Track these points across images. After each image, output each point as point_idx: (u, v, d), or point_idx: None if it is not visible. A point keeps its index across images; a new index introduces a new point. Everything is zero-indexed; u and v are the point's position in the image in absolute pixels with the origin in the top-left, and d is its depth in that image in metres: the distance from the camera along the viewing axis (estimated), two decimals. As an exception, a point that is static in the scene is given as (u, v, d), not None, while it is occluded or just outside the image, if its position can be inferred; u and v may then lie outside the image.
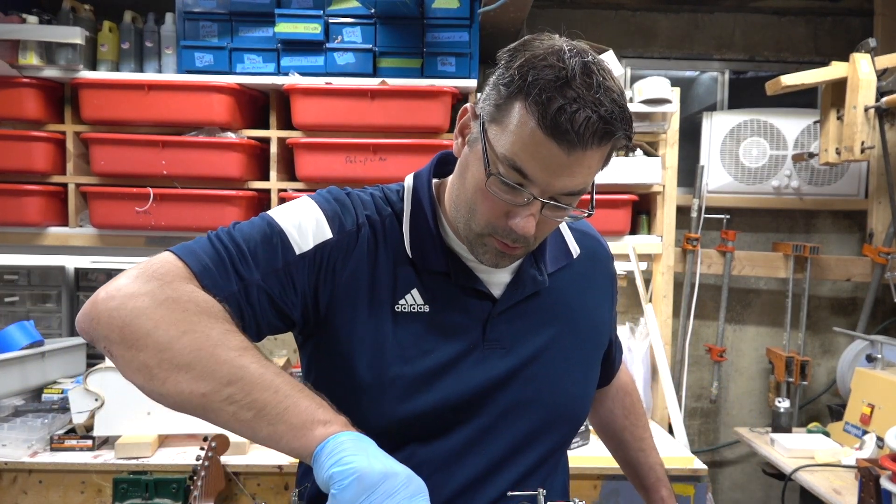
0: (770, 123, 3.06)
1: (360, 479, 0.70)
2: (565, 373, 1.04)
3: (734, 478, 3.32)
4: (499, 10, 2.36)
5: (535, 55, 0.83)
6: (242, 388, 0.76)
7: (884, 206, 3.01)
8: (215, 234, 0.91)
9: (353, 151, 2.43)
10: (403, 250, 0.97)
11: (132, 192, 2.42)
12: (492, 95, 0.87)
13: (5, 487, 2.08)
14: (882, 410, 2.37)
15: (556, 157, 0.83)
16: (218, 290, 0.85)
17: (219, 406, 0.77)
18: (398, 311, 0.96)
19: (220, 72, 2.48)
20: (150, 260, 0.86)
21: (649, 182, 2.56)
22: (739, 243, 3.11)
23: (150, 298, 0.80)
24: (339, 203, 0.97)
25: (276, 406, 0.76)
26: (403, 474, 0.74)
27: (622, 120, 0.83)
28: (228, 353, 0.78)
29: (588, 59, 0.83)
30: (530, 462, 1.01)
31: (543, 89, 0.80)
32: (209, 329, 0.79)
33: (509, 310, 1.00)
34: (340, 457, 0.72)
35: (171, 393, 0.78)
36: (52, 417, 2.25)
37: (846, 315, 3.27)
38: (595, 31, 3.14)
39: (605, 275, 1.16)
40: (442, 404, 0.95)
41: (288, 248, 0.91)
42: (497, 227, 0.90)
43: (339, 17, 2.49)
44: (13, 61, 2.38)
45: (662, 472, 1.30)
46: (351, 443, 0.74)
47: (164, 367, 0.77)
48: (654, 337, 2.62)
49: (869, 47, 2.61)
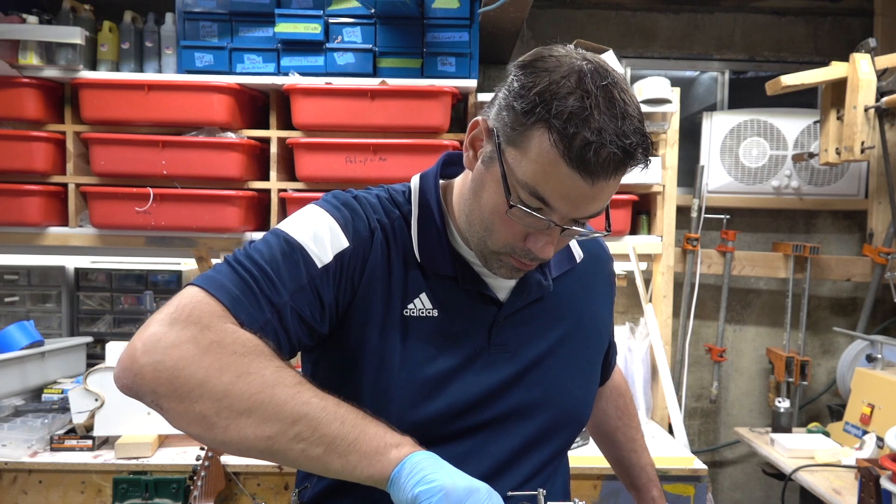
0: (770, 123, 3.06)
1: (447, 495, 0.72)
2: (569, 376, 1.05)
3: (734, 478, 3.32)
4: (499, 10, 2.36)
5: (554, 80, 0.81)
6: (309, 424, 0.76)
7: (884, 206, 3.01)
8: (235, 260, 0.88)
9: (353, 151, 2.43)
10: (412, 253, 0.97)
11: (132, 192, 2.42)
12: (507, 116, 0.85)
13: (5, 487, 2.09)
14: (882, 410, 2.37)
15: (579, 189, 0.83)
16: (254, 322, 0.84)
17: (287, 446, 0.76)
18: (407, 315, 0.96)
19: (220, 72, 2.48)
20: (179, 300, 0.83)
21: (649, 182, 2.56)
22: (739, 243, 3.11)
23: (195, 346, 0.77)
24: (349, 209, 0.96)
25: (346, 437, 0.76)
26: (485, 489, 0.76)
27: (643, 147, 0.83)
28: (287, 392, 0.77)
29: (608, 80, 0.82)
30: (535, 465, 1.02)
31: (568, 121, 0.79)
32: (262, 370, 0.78)
33: (514, 314, 1.01)
34: (422, 476, 0.74)
35: (234, 440, 0.77)
36: (52, 417, 2.25)
37: (846, 315, 3.27)
38: (595, 31, 3.14)
39: (605, 276, 1.17)
40: (448, 409, 0.95)
41: (310, 263, 0.90)
42: (515, 248, 0.90)
43: (339, 17, 2.49)
44: (13, 61, 2.38)
45: (654, 473, 1.32)
46: (428, 461, 0.76)
47: (224, 416, 0.76)
48: (654, 337, 2.62)
49: (869, 47, 2.61)
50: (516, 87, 0.84)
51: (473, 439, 0.97)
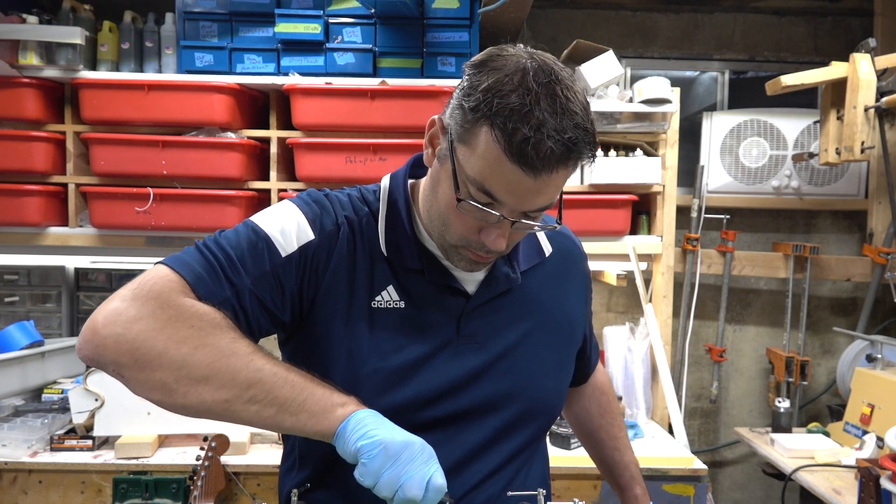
0: (770, 123, 3.06)
1: (385, 448, 0.82)
2: (539, 367, 1.07)
3: (734, 478, 3.32)
4: (499, 10, 2.36)
5: (499, 79, 0.85)
6: (262, 388, 0.84)
7: (884, 206, 3.01)
8: (203, 244, 0.94)
9: (353, 151, 2.43)
10: (379, 248, 1.01)
11: (132, 192, 2.42)
12: (458, 114, 0.89)
13: (5, 487, 2.08)
14: (882, 410, 2.37)
15: (523, 182, 0.86)
16: (213, 298, 0.89)
17: (242, 408, 0.84)
18: (374, 307, 0.99)
19: (220, 72, 2.48)
20: (144, 276, 0.89)
21: (649, 182, 2.56)
22: (739, 243, 3.11)
23: (154, 320, 0.84)
24: (318, 205, 1.01)
25: (296, 399, 0.85)
26: (419, 442, 0.85)
27: (586, 142, 0.86)
28: (241, 360, 0.85)
29: (551, 78, 0.85)
30: (505, 453, 1.04)
31: (508, 117, 0.83)
32: (218, 340, 0.85)
33: (483, 306, 1.03)
34: (364, 431, 0.83)
35: (192, 404, 0.84)
36: (52, 417, 2.25)
37: (846, 315, 3.27)
38: (595, 31, 3.14)
39: (579, 274, 1.19)
40: (417, 398, 0.98)
41: (274, 252, 0.95)
42: (470, 241, 0.94)
43: (339, 17, 2.49)
44: (13, 61, 2.38)
45: (637, 471, 1.32)
46: (370, 418, 0.85)
47: (184, 383, 0.83)
48: (654, 337, 2.62)
49: (869, 47, 2.61)
50: (466, 87, 0.88)
51: (444, 429, 1.00)
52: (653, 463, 2.19)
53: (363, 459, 0.81)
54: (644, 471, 2.15)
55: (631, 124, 2.55)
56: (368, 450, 0.81)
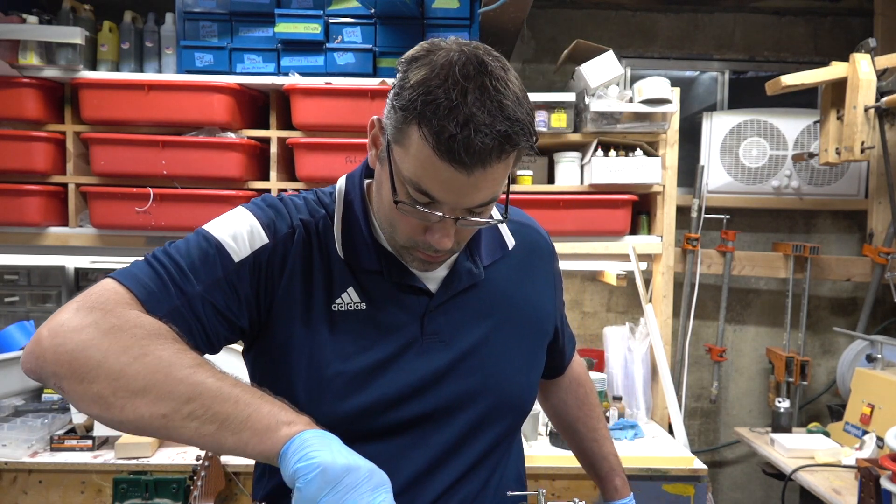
0: (770, 123, 3.06)
1: (323, 472, 0.72)
2: (507, 362, 1.06)
3: (734, 478, 3.32)
4: (499, 10, 2.36)
5: (426, 76, 0.83)
6: (203, 403, 0.77)
7: (884, 206, 3.02)
8: (152, 256, 0.93)
9: (353, 151, 2.43)
10: (337, 251, 0.99)
11: (132, 192, 2.42)
12: (392, 114, 0.87)
13: (5, 487, 2.09)
14: (882, 410, 2.37)
15: (457, 180, 0.84)
16: (160, 309, 0.86)
17: (181, 424, 0.77)
18: (335, 310, 0.97)
19: (220, 72, 2.48)
20: (91, 289, 0.87)
21: (649, 182, 2.56)
22: (739, 243, 3.11)
23: (95, 329, 0.80)
24: (273, 209, 0.99)
25: (239, 415, 0.77)
26: (366, 468, 0.76)
27: (519, 132, 0.84)
28: (183, 372, 0.78)
29: (482, 69, 0.83)
30: (478, 451, 1.03)
31: (435, 115, 0.81)
32: (160, 351, 0.80)
33: (446, 303, 1.02)
34: (305, 453, 0.74)
35: (130, 419, 0.78)
36: (52, 417, 2.25)
37: (846, 315, 3.27)
38: (595, 31, 3.14)
39: (547, 266, 1.18)
40: (383, 399, 0.96)
41: (226, 258, 0.93)
42: (417, 242, 0.93)
43: (339, 17, 2.49)
44: (13, 61, 2.38)
45: (616, 463, 1.32)
46: (316, 440, 0.76)
47: (120, 395, 0.78)
48: (654, 337, 2.62)
49: (869, 47, 2.61)
50: (397, 85, 0.87)
51: (413, 431, 0.99)
52: (653, 463, 2.19)
53: (298, 484, 0.73)
54: (644, 471, 2.17)
55: (631, 124, 2.55)
56: (304, 473, 0.73)
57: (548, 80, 3.14)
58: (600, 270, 3.00)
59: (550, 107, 2.57)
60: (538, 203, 2.53)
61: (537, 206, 2.52)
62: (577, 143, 2.64)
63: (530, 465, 2.14)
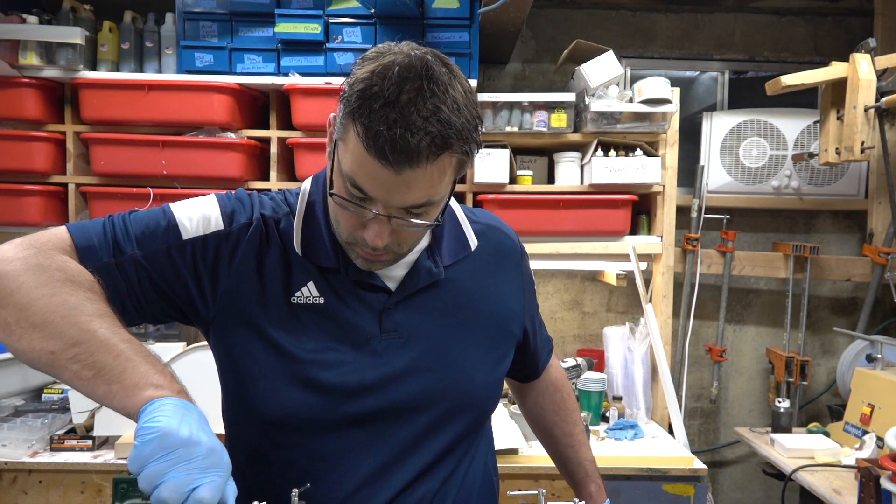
0: (770, 123, 3.06)
1: (161, 437, 0.73)
2: (467, 361, 1.06)
3: (734, 478, 3.32)
4: (499, 10, 2.36)
5: (368, 74, 0.86)
6: (87, 349, 0.81)
7: (884, 206, 3.01)
8: (110, 217, 0.97)
9: (353, 151, 2.43)
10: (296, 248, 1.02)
11: (132, 192, 2.42)
12: (340, 111, 0.90)
13: (5, 487, 2.08)
14: (882, 410, 2.37)
15: (386, 177, 0.86)
16: (93, 261, 0.91)
17: (64, 364, 0.81)
18: (294, 302, 0.99)
19: (220, 72, 2.48)
20: (42, 231, 0.92)
21: (649, 182, 2.56)
22: (739, 243, 3.11)
23: (22, 263, 0.86)
24: (238, 201, 1.04)
25: (115, 367, 0.80)
26: (207, 445, 0.76)
27: (454, 135, 0.85)
28: (81, 317, 0.83)
29: (423, 73, 0.85)
30: (438, 448, 1.04)
31: (368, 111, 0.83)
32: (70, 295, 0.84)
33: (405, 301, 1.03)
34: (155, 415, 0.75)
35: (24, 349, 0.83)
36: (52, 417, 2.25)
37: (846, 315, 3.27)
38: (595, 31, 3.14)
39: (514, 267, 1.18)
40: (340, 392, 0.98)
41: (174, 233, 0.97)
42: (357, 237, 0.95)
43: (339, 17, 2.49)
44: (13, 61, 2.38)
45: (592, 468, 1.31)
46: (172, 407, 0.77)
47: (22, 325, 0.83)
48: (654, 337, 2.62)
49: (869, 47, 2.61)
50: (347, 84, 0.89)
51: (371, 427, 0.99)
52: (653, 463, 2.19)
53: (136, 441, 0.74)
54: (644, 471, 2.17)
55: (631, 124, 2.55)
56: (144, 433, 0.74)
57: (548, 80, 3.14)
58: (600, 270, 3.00)
59: (550, 107, 2.56)
60: (538, 203, 2.53)
61: (537, 206, 2.53)
62: (577, 143, 2.64)
63: (530, 464, 2.15)
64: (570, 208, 2.54)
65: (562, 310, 3.17)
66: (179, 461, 0.73)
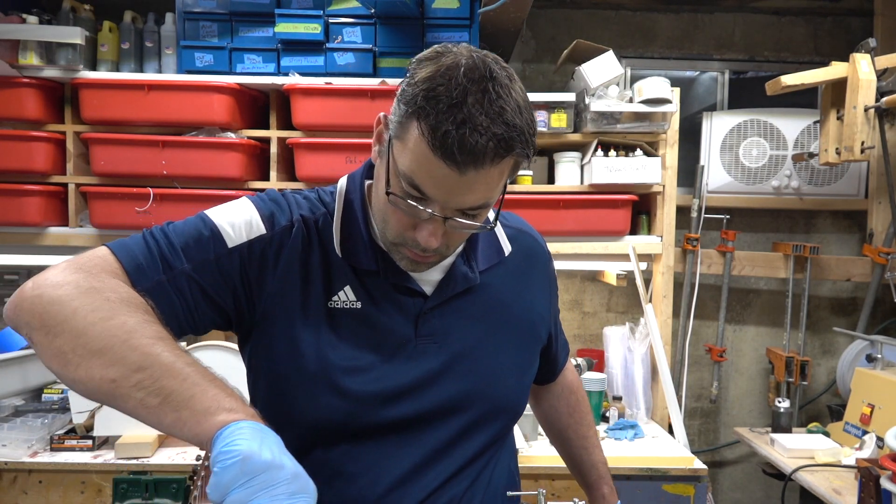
0: (770, 123, 3.06)
1: (243, 461, 0.69)
2: (500, 366, 1.06)
3: (734, 478, 3.32)
4: (499, 10, 2.36)
5: (432, 74, 0.85)
6: (152, 374, 0.76)
7: (884, 206, 3.01)
8: (149, 231, 0.94)
9: (353, 151, 2.43)
10: (335, 249, 1.00)
11: (132, 192, 2.42)
12: (396, 110, 0.89)
13: (5, 487, 2.08)
14: (882, 410, 2.37)
15: (449, 178, 0.85)
16: (145, 281, 0.88)
17: (127, 392, 0.76)
18: (332, 307, 0.98)
19: (220, 72, 2.48)
20: (84, 253, 0.89)
21: (649, 182, 2.56)
22: (739, 243, 3.11)
23: (74, 287, 0.82)
24: (274, 203, 1.01)
25: (183, 393, 0.75)
26: (291, 469, 0.72)
27: (517, 138, 0.85)
28: (142, 341, 0.78)
29: (486, 75, 0.84)
30: (469, 453, 1.04)
31: (434, 110, 0.82)
32: (126, 317, 0.80)
33: (441, 306, 1.03)
34: (233, 439, 0.71)
35: (83, 378, 0.78)
36: (52, 417, 2.25)
37: (846, 315, 3.27)
38: (595, 31, 3.14)
39: (543, 272, 1.18)
40: (376, 398, 0.97)
41: (219, 242, 0.95)
42: (406, 239, 0.93)
43: (339, 17, 2.49)
44: (13, 61, 2.38)
45: (605, 471, 1.32)
46: (249, 430, 0.72)
47: (79, 353, 0.78)
48: (654, 337, 2.62)
49: (869, 47, 2.61)
50: (405, 83, 0.88)
51: (404, 431, 0.99)
52: (653, 463, 2.19)
53: (216, 468, 0.69)
54: (644, 471, 2.17)
55: (631, 124, 2.55)
56: (223, 458, 0.69)
57: (548, 80, 3.14)
58: (600, 270, 3.00)
59: (550, 107, 2.57)
60: (538, 203, 2.53)
61: (537, 206, 2.52)
62: (577, 143, 2.64)
63: (530, 465, 2.15)
64: (570, 208, 2.54)
65: (562, 310, 3.18)
66: (263, 487, 0.69)
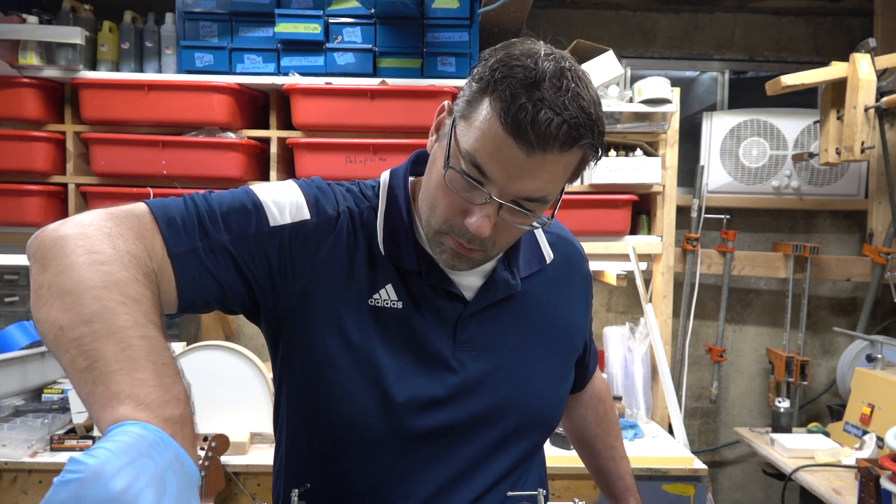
0: (770, 123, 3.06)
1: (82, 483, 0.51)
2: (538, 377, 1.03)
3: (734, 478, 3.32)
4: (499, 10, 2.36)
5: (510, 54, 0.82)
6: (95, 331, 0.64)
7: (884, 206, 3.01)
8: (191, 196, 0.89)
9: (353, 151, 2.43)
10: (378, 245, 0.96)
11: (132, 192, 2.42)
12: (466, 91, 0.87)
13: (5, 487, 2.08)
14: (882, 410, 2.37)
15: (515, 158, 0.81)
16: (180, 245, 0.83)
17: (66, 345, 0.65)
18: (372, 304, 0.94)
19: (220, 72, 2.48)
20: (123, 206, 0.83)
21: (649, 182, 2.56)
22: (739, 243, 3.11)
23: (96, 229, 0.75)
24: (319, 190, 0.97)
25: (112, 365, 0.62)
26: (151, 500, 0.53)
27: (588, 128, 0.81)
28: (111, 296, 0.67)
29: (564, 64, 0.82)
30: (505, 465, 1.01)
31: (509, 87, 0.80)
32: (117, 271, 0.70)
33: (481, 312, 0.99)
34: (96, 448, 0.54)
35: (41, 318, 0.68)
36: (52, 417, 2.25)
37: (846, 315, 3.27)
38: (595, 31, 3.14)
39: (581, 278, 1.15)
40: (412, 408, 0.93)
41: (262, 219, 0.90)
42: (454, 225, 0.88)
43: (339, 17, 2.49)
44: (13, 61, 2.38)
45: (632, 482, 1.29)
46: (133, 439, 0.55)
47: (52, 291, 0.69)
48: (654, 337, 2.62)
49: (869, 47, 2.61)
50: (478, 68, 0.86)
51: (440, 441, 0.95)
52: (653, 463, 2.19)
53: (55, 479, 0.52)
54: (644, 471, 2.17)
55: (631, 124, 2.55)
56: (66, 471, 0.52)
57: (548, 80, 3.14)
58: (600, 270, 3.00)
59: (550, 107, 2.56)
60: (538, 203, 2.53)
61: (537, 206, 2.52)
62: (577, 143, 2.64)
63: (530, 465, 2.15)
64: (570, 208, 2.54)
65: (562, 310, 3.18)
66: None
